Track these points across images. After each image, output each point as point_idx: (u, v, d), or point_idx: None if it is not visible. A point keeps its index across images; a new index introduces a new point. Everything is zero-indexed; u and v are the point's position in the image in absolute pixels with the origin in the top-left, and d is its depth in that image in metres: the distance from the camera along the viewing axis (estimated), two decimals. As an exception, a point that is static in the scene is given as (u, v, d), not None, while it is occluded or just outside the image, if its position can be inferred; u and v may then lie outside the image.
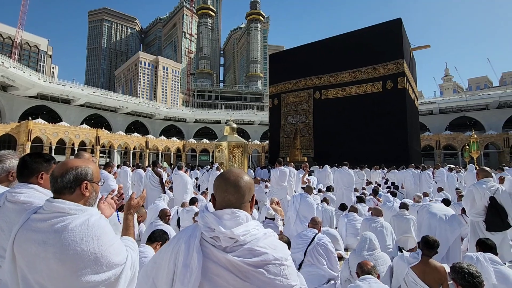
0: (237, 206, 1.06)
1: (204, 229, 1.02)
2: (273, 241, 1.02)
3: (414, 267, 2.65)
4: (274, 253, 0.97)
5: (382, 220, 4.13)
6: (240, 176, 1.10)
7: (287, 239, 2.84)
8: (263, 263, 0.95)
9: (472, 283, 1.88)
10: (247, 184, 1.10)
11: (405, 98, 17.90)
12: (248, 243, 0.98)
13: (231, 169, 1.18)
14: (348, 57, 20.04)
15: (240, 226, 0.99)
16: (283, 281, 0.95)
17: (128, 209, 1.53)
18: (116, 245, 1.15)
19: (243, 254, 0.96)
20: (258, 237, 1.00)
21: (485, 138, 35.69)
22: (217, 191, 1.10)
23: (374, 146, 17.25)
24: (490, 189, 3.83)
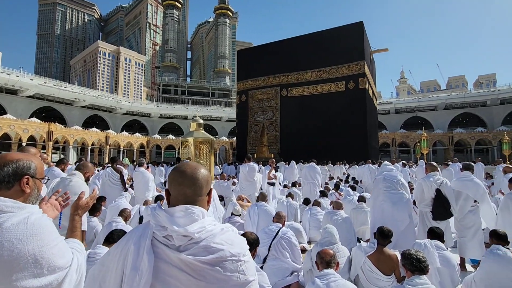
0: (193, 200, 1.02)
1: (156, 228, 0.96)
2: (230, 236, 0.99)
3: (370, 256, 2.83)
4: (230, 249, 0.94)
5: (343, 213, 4.34)
6: (197, 168, 1.06)
7: (255, 236, 2.83)
8: (219, 260, 0.92)
9: (419, 267, 2.06)
10: (205, 176, 1.06)
11: (365, 98, 18.94)
12: (204, 240, 0.94)
13: (187, 162, 1.13)
14: (313, 57, 20.65)
15: (195, 223, 0.95)
16: (240, 277, 0.93)
17: (76, 210, 1.41)
18: (60, 246, 1.05)
19: (197, 252, 0.92)
20: (215, 233, 0.96)
21: (434, 136, 39.21)
22: (172, 184, 1.04)
23: (336, 143, 18.04)
24: (436, 182, 4.21)
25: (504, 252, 2.81)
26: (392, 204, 4.21)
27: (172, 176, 1.05)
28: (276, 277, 3.12)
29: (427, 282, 2.00)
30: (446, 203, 4.14)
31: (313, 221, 5.13)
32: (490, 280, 2.77)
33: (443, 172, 9.15)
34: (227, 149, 45.20)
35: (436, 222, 4.07)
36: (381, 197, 4.34)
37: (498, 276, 2.73)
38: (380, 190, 4.46)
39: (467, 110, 45.28)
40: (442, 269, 2.71)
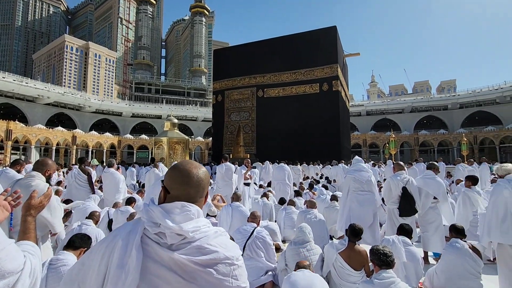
0: (194, 201, 0.98)
1: (148, 224, 0.90)
2: (224, 240, 0.95)
3: (342, 253, 2.92)
4: (225, 252, 0.90)
5: (316, 212, 4.44)
6: (198, 168, 1.02)
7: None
8: (213, 262, 0.87)
9: (386, 262, 2.16)
10: (207, 177, 1.04)
11: (338, 100, 19.57)
12: (198, 241, 0.89)
13: (188, 160, 1.09)
14: (289, 59, 20.98)
15: (191, 222, 0.90)
16: (233, 282, 0.89)
17: (28, 210, 1.30)
18: (9, 249, 0.95)
19: (191, 252, 0.87)
20: (209, 235, 0.92)
21: (401, 137, 41.45)
22: (174, 183, 0.99)
23: (311, 143, 18.46)
24: (403, 180, 4.44)
25: (461, 245, 3.03)
26: (359, 204, 4.40)
27: (175, 175, 1.00)
28: (251, 277, 3.12)
29: (393, 276, 2.11)
30: (411, 200, 4.39)
31: (288, 220, 5.20)
32: (450, 271, 2.97)
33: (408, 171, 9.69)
34: (203, 149, 44.60)
35: (403, 218, 4.30)
36: (350, 197, 4.53)
37: (457, 267, 2.93)
38: (349, 190, 4.64)
39: (431, 113, 48.38)
40: (408, 263, 2.87)
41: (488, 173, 10.24)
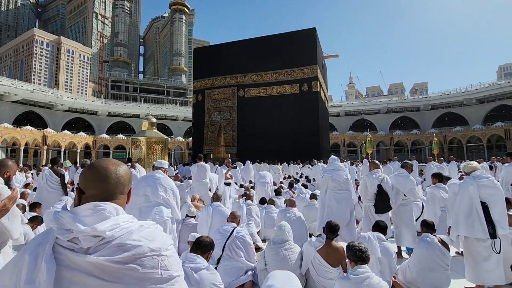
0: (113, 198, 0.94)
1: (59, 232, 0.85)
2: (151, 233, 0.91)
3: (320, 250, 2.97)
4: (150, 245, 0.86)
5: (296, 210, 4.50)
6: (116, 164, 0.99)
7: (211, 239, 2.76)
8: (136, 257, 0.83)
9: (361, 257, 2.23)
10: (128, 174, 1.00)
11: (317, 101, 19.95)
12: (118, 238, 0.85)
13: (105, 158, 1.06)
14: (270, 59, 21.11)
15: (107, 221, 0.86)
16: (162, 273, 0.86)
17: None
18: None
19: (109, 252, 0.82)
20: (132, 230, 0.88)
21: (377, 137, 42.97)
22: (91, 181, 0.95)
23: (291, 143, 18.70)
24: (378, 178, 4.60)
25: (432, 239, 3.19)
26: (337, 202, 4.52)
27: (86, 172, 0.96)
28: (230, 277, 3.11)
29: (368, 271, 2.18)
30: (386, 197, 4.56)
31: (268, 219, 5.23)
32: (421, 264, 3.12)
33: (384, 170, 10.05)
34: (183, 149, 43.87)
35: (378, 215, 4.45)
36: (328, 196, 4.63)
37: (427, 259, 3.08)
38: (327, 189, 4.75)
39: (405, 114, 50.53)
40: (383, 258, 2.97)
41: (456, 171, 10.87)
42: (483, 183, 3.48)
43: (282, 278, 2.01)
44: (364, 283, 2.07)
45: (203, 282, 2.16)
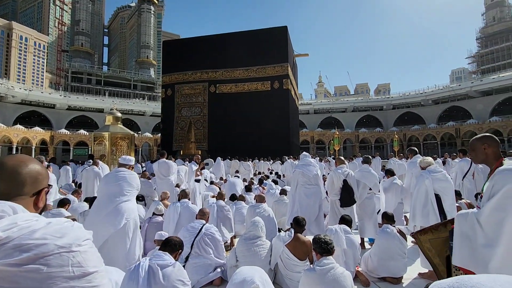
0: (9, 198, 0.86)
1: None
2: (61, 229, 0.82)
3: (288, 244, 3.03)
4: (58, 242, 0.79)
5: (265, 206, 4.54)
6: (24, 162, 0.91)
7: (180, 239, 2.67)
8: (38, 257, 0.75)
9: (326, 249, 2.31)
10: (32, 172, 0.92)
11: (288, 98, 20.30)
12: (15, 239, 0.76)
13: (14, 154, 0.98)
14: (242, 55, 21.04)
15: (1, 221, 0.78)
16: (75, 270, 0.79)
17: None
18: None
19: (4, 255, 0.74)
20: (35, 229, 0.79)
21: (344, 135, 44.82)
22: None
23: (262, 140, 18.86)
24: (344, 173, 4.80)
25: (391, 229, 3.40)
26: (307, 197, 4.65)
27: None
28: (199, 274, 3.06)
29: (333, 262, 2.27)
30: (351, 191, 4.77)
31: (238, 216, 5.23)
32: (382, 253, 3.31)
33: (350, 165, 10.50)
34: (151, 146, 42.30)
35: (343, 209, 4.65)
36: (298, 191, 4.74)
37: (387, 249, 3.28)
38: (298, 184, 4.86)
39: (369, 113, 53.22)
40: (348, 249, 3.11)
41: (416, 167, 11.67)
42: (437, 177, 3.76)
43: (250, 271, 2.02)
44: (329, 273, 2.15)
45: (170, 279, 2.10)
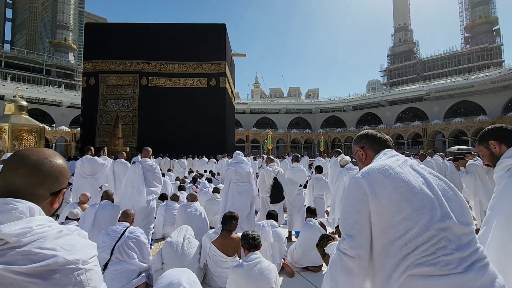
0: (25, 197, 0.77)
1: None
2: (71, 241, 0.78)
3: (215, 241, 3.03)
4: (67, 256, 0.73)
5: (197, 205, 4.45)
6: (48, 157, 0.82)
7: None
8: (47, 270, 0.70)
9: (254, 244, 2.40)
10: (55, 170, 0.82)
11: (225, 96, 20.31)
12: (28, 245, 0.70)
13: (38, 148, 0.83)
14: (177, 49, 20.15)
15: (16, 222, 0.71)
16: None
17: None
18: None
19: (13, 260, 0.68)
20: (47, 236, 0.74)
21: (277, 135, 47.19)
22: (1, 171, 0.79)
23: (198, 137, 18.45)
24: (274, 171, 5.04)
25: (313, 222, 3.71)
26: (239, 194, 4.74)
27: (6, 161, 0.80)
28: (120, 282, 2.81)
29: (259, 256, 2.36)
30: (280, 188, 5.04)
31: (169, 217, 5.00)
32: (305, 244, 3.59)
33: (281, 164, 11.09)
34: (69, 141, 37.15)
35: (273, 205, 4.88)
36: (231, 188, 4.80)
37: (309, 240, 3.56)
38: (231, 181, 4.91)
39: (300, 115, 57.23)
40: (275, 243, 3.28)
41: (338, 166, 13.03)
42: (353, 173, 4.27)
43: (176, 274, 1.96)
44: (255, 268, 2.23)
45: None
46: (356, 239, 1.02)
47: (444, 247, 0.93)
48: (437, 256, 0.92)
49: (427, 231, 0.94)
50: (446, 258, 0.91)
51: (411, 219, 0.96)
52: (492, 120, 36.23)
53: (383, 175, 1.04)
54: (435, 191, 1.02)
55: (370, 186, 1.03)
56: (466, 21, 68.86)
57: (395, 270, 0.95)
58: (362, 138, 1.35)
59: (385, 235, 1.00)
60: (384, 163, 1.10)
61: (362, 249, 1.01)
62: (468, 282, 0.88)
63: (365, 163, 1.28)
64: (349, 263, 1.01)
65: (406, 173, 1.06)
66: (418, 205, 0.98)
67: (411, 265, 0.93)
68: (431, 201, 0.99)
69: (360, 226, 1.03)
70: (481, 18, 65.08)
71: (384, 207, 1.00)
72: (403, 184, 1.01)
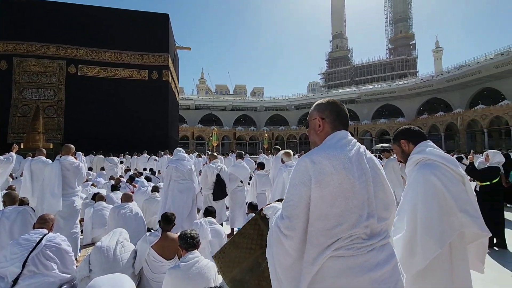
0: None
1: None
2: None
3: (155, 245, 2.85)
4: None
5: (132, 205, 4.13)
6: None
7: None
8: None
9: (192, 244, 2.32)
10: None
11: (168, 91, 19.35)
12: None
13: None
14: (114, 36, 18.40)
15: None
16: None
17: None
18: None
19: None
20: None
21: (223, 132, 47.02)
22: None
23: (137, 133, 17.22)
24: (217, 168, 4.99)
25: (254, 218, 3.78)
26: (180, 192, 4.56)
27: None
28: (35, 298, 2.43)
29: (198, 255, 2.29)
30: (223, 185, 5.02)
31: (98, 218, 4.54)
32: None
33: (226, 160, 11.07)
34: (-30, 135, 30.88)
35: (216, 202, 4.83)
36: (171, 186, 4.59)
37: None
38: (171, 179, 4.69)
39: (246, 112, 57.91)
40: (214, 240, 3.23)
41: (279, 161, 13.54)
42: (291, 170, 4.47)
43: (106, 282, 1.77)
44: (193, 267, 2.17)
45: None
46: (292, 222, 1.08)
47: (361, 238, 1.06)
48: (353, 244, 1.04)
49: (353, 228, 1.04)
50: (359, 245, 1.04)
51: (343, 216, 1.04)
52: (408, 122, 42.11)
53: (333, 167, 1.06)
54: (370, 189, 1.11)
55: (317, 175, 1.05)
56: (390, 34, 78.34)
57: (317, 258, 1.04)
58: (326, 108, 1.28)
59: (316, 225, 1.06)
60: (338, 153, 1.10)
61: (295, 232, 1.08)
62: (370, 259, 1.04)
63: (319, 136, 1.26)
64: (282, 239, 1.10)
65: (354, 169, 1.09)
66: (353, 204, 1.05)
67: (332, 253, 1.03)
68: (364, 201, 1.08)
69: (298, 211, 1.08)
70: (402, 33, 74.81)
71: (323, 198, 1.05)
72: (348, 181, 1.06)
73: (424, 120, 40.09)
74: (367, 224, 1.07)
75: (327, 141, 1.21)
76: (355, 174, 1.08)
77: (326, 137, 1.23)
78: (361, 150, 1.19)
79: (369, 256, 1.06)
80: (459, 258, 1.60)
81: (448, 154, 1.82)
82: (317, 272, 1.05)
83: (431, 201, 1.59)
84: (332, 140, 1.19)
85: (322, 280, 1.04)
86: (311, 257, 1.06)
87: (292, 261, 1.11)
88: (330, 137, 1.21)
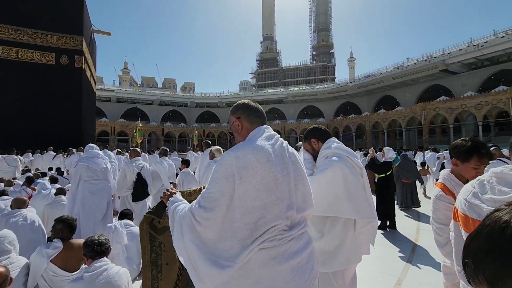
0: None
1: None
2: None
3: (55, 259, 2.43)
4: None
5: (26, 212, 3.46)
6: None
7: None
8: None
9: (100, 251, 2.06)
10: None
11: (82, 79, 16.99)
12: None
13: None
14: (9, 8, 15.16)
15: None
16: None
17: None
18: None
19: None
20: None
21: (149, 128, 43.95)
22: None
23: (42, 128, 14.60)
24: (138, 166, 4.61)
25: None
26: (92, 194, 4.06)
27: None
28: None
29: (107, 263, 2.05)
30: (145, 185, 4.67)
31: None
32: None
33: (151, 158, 10.40)
34: None
35: (135, 203, 4.46)
36: (81, 187, 4.04)
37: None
38: (81, 179, 4.13)
39: (175, 108, 55.31)
40: (130, 243, 2.97)
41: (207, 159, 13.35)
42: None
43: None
44: (101, 277, 1.92)
45: None
46: (209, 213, 1.08)
47: (283, 230, 1.12)
48: (275, 236, 1.09)
49: (276, 220, 1.09)
50: (281, 236, 1.10)
51: (266, 209, 1.08)
52: (327, 122, 46.94)
53: (257, 161, 1.07)
54: (291, 182, 1.17)
55: (240, 170, 1.05)
56: (314, 42, 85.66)
57: (242, 252, 1.05)
58: (238, 109, 1.34)
59: (242, 220, 1.07)
60: (262, 146, 1.12)
61: (210, 222, 1.09)
62: (290, 248, 1.12)
63: (241, 134, 1.30)
64: (195, 225, 1.11)
65: (277, 163, 1.13)
66: (276, 197, 1.10)
67: (256, 247, 1.06)
68: (285, 193, 1.14)
69: (217, 205, 1.08)
70: (323, 41, 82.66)
71: (247, 192, 1.06)
72: (271, 174, 1.09)
73: (340, 121, 45.30)
74: (288, 216, 1.13)
75: (251, 135, 1.24)
76: (278, 167, 1.13)
77: (249, 132, 1.27)
78: (283, 144, 1.26)
79: (289, 245, 1.13)
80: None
81: (350, 149, 2.06)
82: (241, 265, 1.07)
83: (331, 184, 1.77)
84: (257, 134, 1.23)
85: (247, 272, 1.06)
86: (235, 251, 1.06)
87: (205, 248, 1.11)
88: (255, 132, 1.25)
